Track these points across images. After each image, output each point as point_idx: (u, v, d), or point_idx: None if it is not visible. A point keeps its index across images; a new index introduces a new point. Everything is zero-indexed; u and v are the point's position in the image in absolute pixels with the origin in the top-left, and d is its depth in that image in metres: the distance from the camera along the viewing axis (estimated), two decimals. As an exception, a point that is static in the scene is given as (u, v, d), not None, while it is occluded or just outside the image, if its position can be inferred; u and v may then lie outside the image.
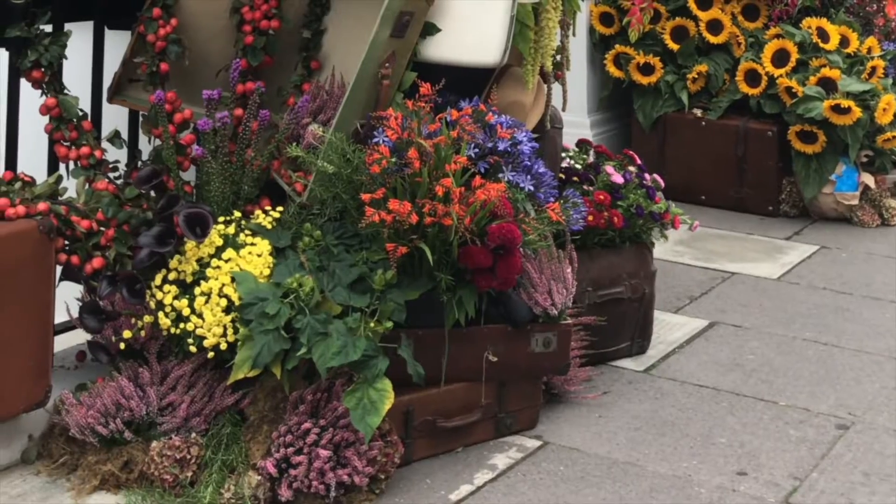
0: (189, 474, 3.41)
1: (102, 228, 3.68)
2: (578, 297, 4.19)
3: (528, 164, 3.87)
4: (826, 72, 6.21)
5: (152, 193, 3.79)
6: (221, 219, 3.70)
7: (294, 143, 3.78)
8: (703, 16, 6.56)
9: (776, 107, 6.35)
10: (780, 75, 6.29)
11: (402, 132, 3.67)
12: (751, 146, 6.41)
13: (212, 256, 3.61)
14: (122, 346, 3.64)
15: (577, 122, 6.48)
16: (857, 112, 6.05)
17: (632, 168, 4.68)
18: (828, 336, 4.81)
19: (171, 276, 3.61)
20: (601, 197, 4.39)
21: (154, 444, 3.45)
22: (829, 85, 6.19)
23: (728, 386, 4.32)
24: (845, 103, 6.05)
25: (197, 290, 3.54)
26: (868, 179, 6.34)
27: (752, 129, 6.42)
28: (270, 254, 3.63)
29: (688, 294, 5.24)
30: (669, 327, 4.84)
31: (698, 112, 6.56)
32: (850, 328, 4.90)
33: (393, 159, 3.62)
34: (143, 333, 3.63)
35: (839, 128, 6.13)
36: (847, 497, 3.59)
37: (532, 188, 3.83)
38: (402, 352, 3.55)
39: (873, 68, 6.35)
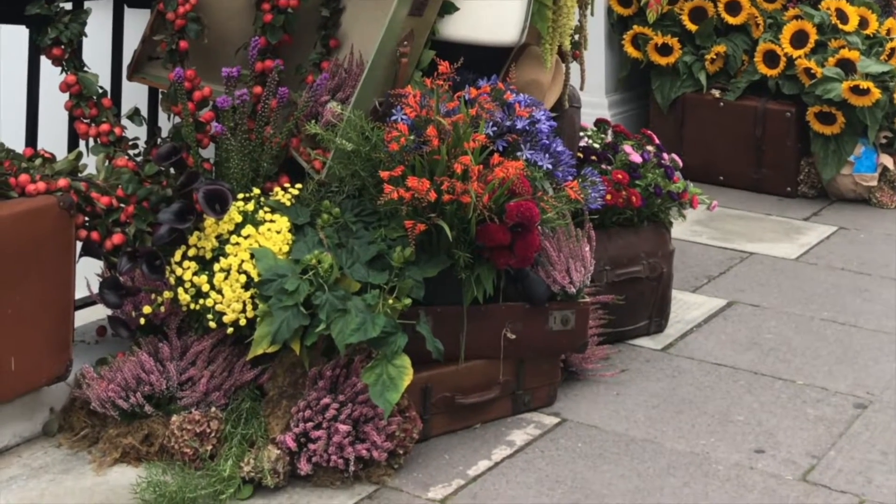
0: (209, 448, 3.43)
1: (122, 205, 3.70)
2: (596, 276, 4.20)
3: (547, 142, 3.88)
4: (845, 53, 6.19)
5: (172, 170, 3.81)
6: (241, 196, 3.72)
7: (313, 121, 3.79)
8: (722, -4, 6.55)
9: (795, 88, 6.33)
10: (799, 56, 6.27)
11: (421, 110, 3.67)
12: (769, 127, 6.40)
13: (231, 233, 3.62)
14: (142, 321, 3.66)
15: (595, 103, 6.46)
16: (877, 93, 6.04)
17: (650, 148, 4.68)
18: (846, 316, 4.80)
19: (191, 252, 3.62)
20: (619, 176, 4.39)
21: (174, 417, 3.47)
22: (848, 66, 6.17)
23: (746, 365, 4.32)
24: (864, 84, 6.03)
25: (216, 267, 3.56)
26: (887, 161, 6.32)
27: (770, 109, 6.40)
28: (289, 230, 3.64)
29: (706, 274, 5.24)
30: (687, 306, 4.84)
31: (716, 93, 6.55)
32: (869, 308, 4.89)
33: (411, 137, 3.63)
34: (162, 309, 3.65)
35: (858, 109, 6.11)
36: (864, 475, 3.60)
37: (550, 167, 3.83)
38: (421, 328, 3.56)
39: (892, 49, 6.32)
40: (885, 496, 3.49)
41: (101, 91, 3.91)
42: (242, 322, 3.52)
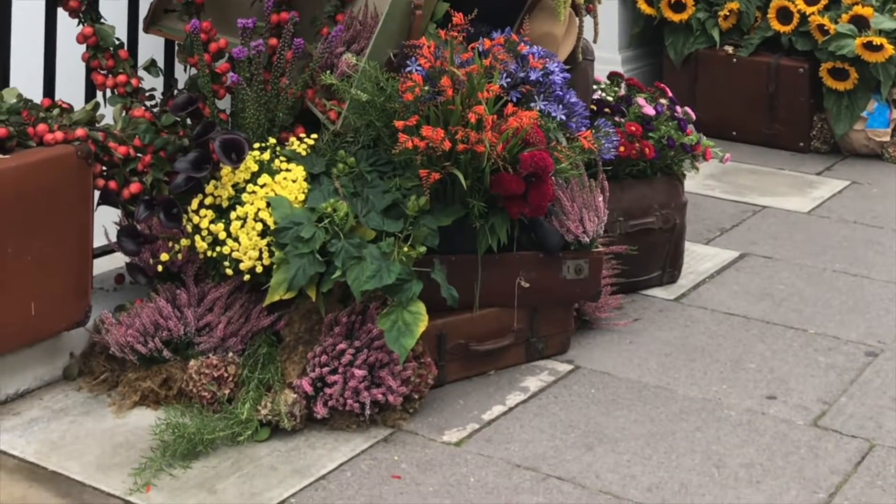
0: (226, 392, 3.47)
1: (139, 154, 3.74)
2: (610, 227, 4.23)
3: (560, 93, 3.89)
4: (858, 9, 6.18)
5: (188, 120, 3.84)
6: (256, 145, 3.74)
7: (328, 72, 3.81)
8: (736, -47, 6.54)
9: (808, 44, 6.33)
10: (812, 13, 6.27)
11: (435, 61, 3.69)
12: (782, 83, 6.40)
13: (247, 182, 3.65)
14: (160, 268, 3.70)
15: (609, 59, 6.47)
16: (890, 49, 6.03)
17: (663, 100, 4.69)
18: (858, 267, 4.82)
19: (208, 200, 3.66)
20: (633, 128, 4.41)
21: (192, 362, 3.51)
22: (861, 22, 6.16)
23: (758, 314, 4.35)
24: (878, 41, 6.03)
25: (233, 215, 3.59)
26: (900, 116, 6.33)
27: (783, 66, 6.40)
28: (305, 179, 3.67)
29: (718, 226, 5.26)
30: (700, 258, 4.87)
31: (730, 49, 6.55)
32: (880, 260, 4.91)
33: (426, 87, 3.65)
34: (180, 256, 3.69)
35: (871, 65, 6.11)
36: (875, 420, 3.63)
37: (564, 118, 3.85)
38: (436, 275, 3.59)
39: (906, 5, 6.32)
40: (895, 440, 3.52)
41: (117, 43, 3.93)
42: (259, 269, 3.56)
